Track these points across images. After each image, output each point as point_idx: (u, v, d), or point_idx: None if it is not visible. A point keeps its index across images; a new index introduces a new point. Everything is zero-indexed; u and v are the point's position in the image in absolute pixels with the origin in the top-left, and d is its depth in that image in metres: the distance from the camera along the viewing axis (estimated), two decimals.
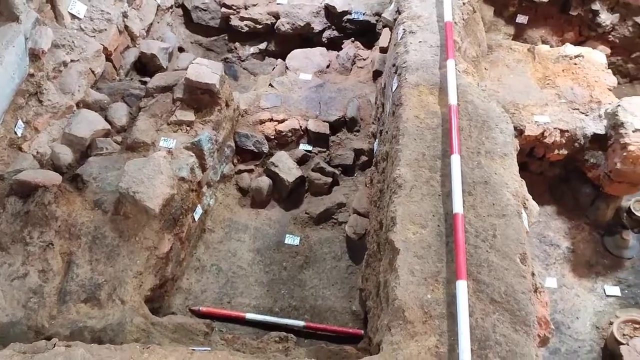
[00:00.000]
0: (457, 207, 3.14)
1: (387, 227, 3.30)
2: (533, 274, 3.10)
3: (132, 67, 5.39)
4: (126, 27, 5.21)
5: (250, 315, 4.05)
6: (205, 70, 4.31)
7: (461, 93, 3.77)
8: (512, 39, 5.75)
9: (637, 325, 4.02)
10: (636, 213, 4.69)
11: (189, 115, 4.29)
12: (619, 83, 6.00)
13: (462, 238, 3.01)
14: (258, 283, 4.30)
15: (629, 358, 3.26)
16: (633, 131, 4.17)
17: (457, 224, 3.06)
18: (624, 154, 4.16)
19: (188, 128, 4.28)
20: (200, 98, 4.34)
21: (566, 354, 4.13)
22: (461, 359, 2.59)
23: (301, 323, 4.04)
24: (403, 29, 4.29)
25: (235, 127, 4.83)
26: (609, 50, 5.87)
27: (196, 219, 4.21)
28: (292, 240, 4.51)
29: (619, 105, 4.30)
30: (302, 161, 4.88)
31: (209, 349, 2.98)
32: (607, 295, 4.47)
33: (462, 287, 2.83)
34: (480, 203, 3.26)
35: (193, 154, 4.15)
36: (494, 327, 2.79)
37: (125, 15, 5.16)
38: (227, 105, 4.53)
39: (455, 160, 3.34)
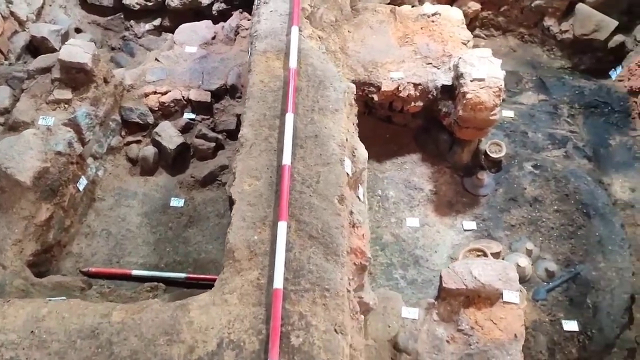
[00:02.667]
0: (286, 159, 3.55)
1: (229, 182, 3.71)
2: (352, 212, 3.57)
3: (25, 51, 5.63)
4: (11, 12, 5.43)
5: (136, 272, 4.46)
6: (77, 50, 4.60)
7: (303, 57, 4.16)
8: (389, 2, 6.10)
9: (479, 253, 4.54)
10: (491, 155, 5.19)
11: (66, 94, 4.60)
12: (492, 35, 6.47)
13: (287, 185, 3.44)
14: (145, 243, 4.71)
15: (448, 279, 3.75)
16: (471, 81, 4.62)
17: (283, 174, 3.49)
18: (464, 101, 4.62)
19: (66, 106, 4.60)
20: (76, 77, 4.64)
21: (422, 283, 4.65)
22: (274, 286, 3.06)
23: (183, 275, 4.47)
24: (258, 0, 4.63)
25: (120, 102, 5.15)
26: (479, 6, 6.30)
27: (80, 189, 4.57)
28: (177, 202, 4.91)
29: (460, 58, 4.74)
30: (186, 129, 5.24)
31: (64, 298, 3.39)
32: (465, 230, 4.99)
33: (281, 227, 3.27)
34: (310, 154, 3.68)
35: (71, 130, 4.49)
36: (308, 259, 3.24)
37: (9, 0, 5.38)
38: (105, 82, 4.84)
39: (289, 118, 3.74)
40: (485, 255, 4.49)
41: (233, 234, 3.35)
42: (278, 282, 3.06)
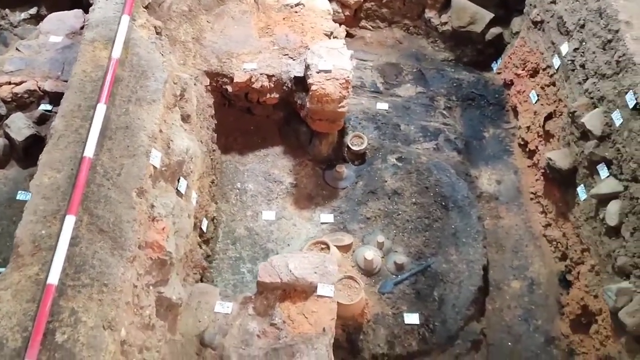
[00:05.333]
0: (88, 151, 3.45)
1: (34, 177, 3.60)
2: (153, 206, 3.49)
3: None
4: None
5: None
6: None
7: (131, 46, 4.05)
8: None
9: (324, 246, 4.50)
10: (352, 147, 5.16)
11: None
12: (378, 27, 6.44)
13: (84, 178, 3.35)
14: None
15: (263, 272, 3.69)
16: (317, 72, 4.57)
17: (82, 166, 3.39)
18: (310, 93, 4.57)
19: None
20: None
21: None
22: (47, 281, 2.97)
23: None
24: None
25: None
26: None
27: None
28: (23, 196, 4.76)
29: (308, 49, 4.68)
30: (42, 121, 5.09)
31: None
32: (322, 223, 4.95)
33: (69, 221, 3.18)
34: (117, 146, 3.59)
35: None
36: (94, 254, 3.15)
37: None
38: None
39: (100, 109, 3.65)
40: (328, 248, 4.46)
41: (21, 229, 3.25)
42: (52, 278, 2.97)
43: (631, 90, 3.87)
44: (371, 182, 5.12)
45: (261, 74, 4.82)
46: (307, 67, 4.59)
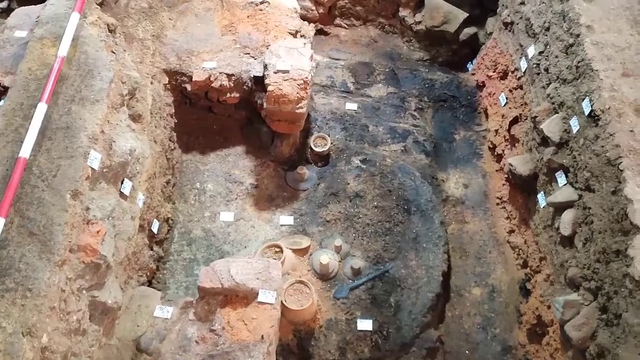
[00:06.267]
0: (24, 152, 3.40)
1: None
2: (88, 208, 3.43)
3: None
4: None
5: None
6: None
7: (80, 44, 3.99)
8: None
9: (277, 249, 4.44)
10: (315, 148, 5.08)
11: None
12: (353, 25, 6.33)
13: (17, 180, 3.29)
14: None
15: (205, 277, 3.63)
16: (274, 72, 4.49)
17: (16, 167, 3.34)
18: (267, 93, 4.49)
19: None
20: None
21: None
22: None
23: None
24: None
25: None
26: None
27: None
28: None
29: (267, 48, 4.60)
30: None
31: None
32: (281, 225, 4.87)
33: None
34: (57, 147, 3.53)
35: None
36: (21, 257, 3.09)
37: None
38: None
39: (41, 108, 3.59)
40: (282, 251, 4.39)
41: None
42: None
43: (587, 97, 3.75)
44: (333, 184, 5.03)
45: (220, 73, 4.74)
46: (265, 67, 4.50)
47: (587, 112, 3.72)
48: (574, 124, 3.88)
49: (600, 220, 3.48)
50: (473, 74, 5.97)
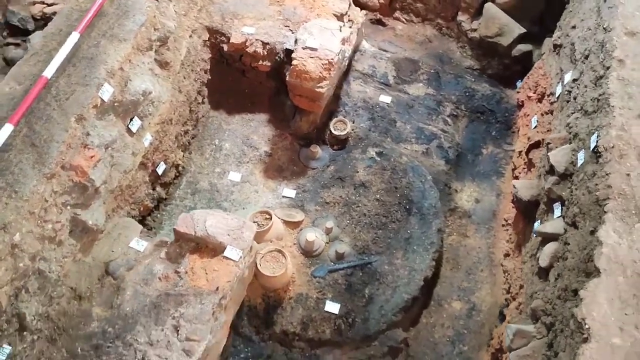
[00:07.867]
0: (48, 72, 3.76)
1: None
2: (88, 134, 3.72)
3: None
4: None
5: None
6: None
7: None
8: None
9: (267, 216, 4.59)
10: (333, 131, 5.16)
11: None
12: (411, 21, 6.32)
13: (34, 95, 3.65)
14: None
15: (182, 222, 3.82)
16: (303, 48, 4.60)
17: (37, 84, 3.69)
18: (291, 67, 4.61)
19: None
20: None
21: None
22: None
23: None
24: None
25: (7, 3, 5.48)
26: None
27: None
28: None
29: (303, 24, 4.71)
30: None
31: None
32: (283, 196, 5.03)
33: (6, 129, 3.49)
34: (77, 73, 3.85)
35: None
36: (18, 163, 3.44)
37: None
38: None
39: (73, 36, 3.93)
40: (270, 219, 4.54)
41: None
42: None
43: (596, 132, 3.61)
44: (342, 169, 5.11)
45: (257, 40, 4.91)
46: (295, 42, 4.63)
47: (592, 147, 3.58)
48: (580, 158, 3.74)
49: (572, 258, 3.37)
50: (518, 92, 5.79)
